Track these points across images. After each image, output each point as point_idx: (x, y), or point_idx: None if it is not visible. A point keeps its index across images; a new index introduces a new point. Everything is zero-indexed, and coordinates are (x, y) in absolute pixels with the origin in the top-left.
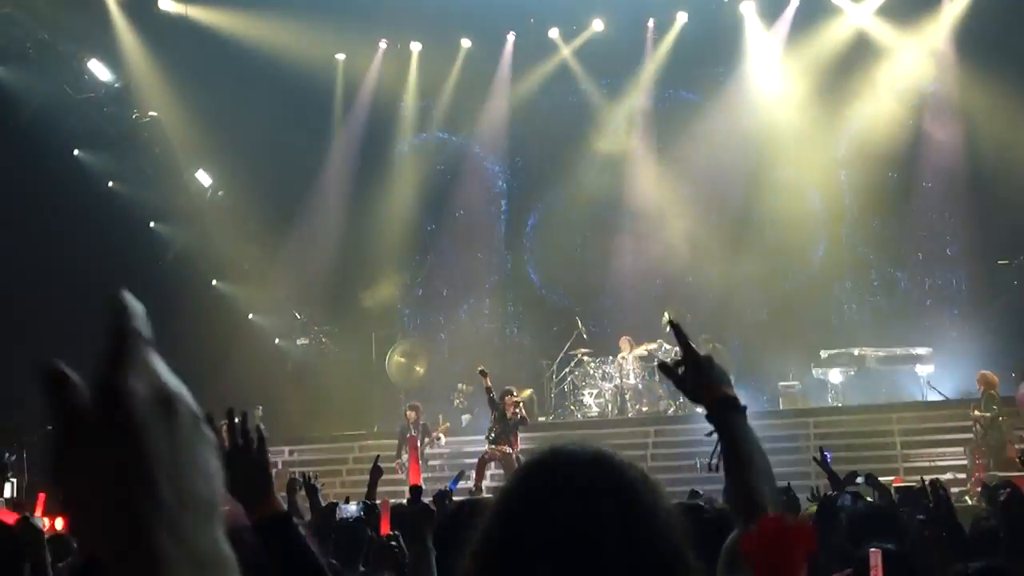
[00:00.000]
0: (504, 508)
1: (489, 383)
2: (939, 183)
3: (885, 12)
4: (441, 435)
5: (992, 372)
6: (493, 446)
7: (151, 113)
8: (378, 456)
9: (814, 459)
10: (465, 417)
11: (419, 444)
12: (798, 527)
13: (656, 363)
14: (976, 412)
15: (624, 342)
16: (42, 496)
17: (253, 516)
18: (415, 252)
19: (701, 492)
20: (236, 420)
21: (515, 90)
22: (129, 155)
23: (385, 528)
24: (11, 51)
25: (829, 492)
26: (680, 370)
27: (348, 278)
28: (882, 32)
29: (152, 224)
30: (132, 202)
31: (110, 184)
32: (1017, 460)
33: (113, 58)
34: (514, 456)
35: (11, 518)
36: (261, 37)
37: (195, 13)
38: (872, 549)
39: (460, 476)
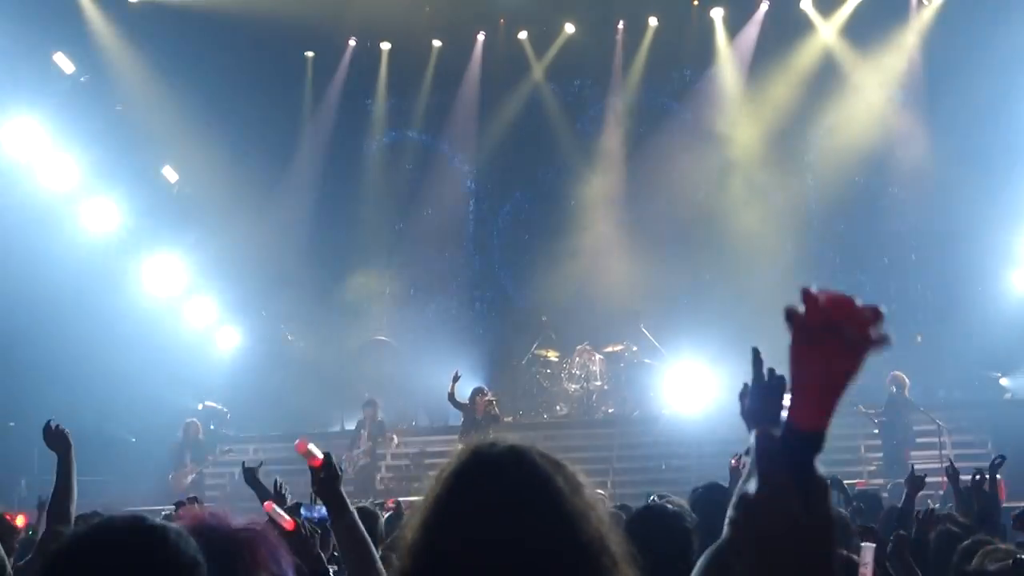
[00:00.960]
0: (426, 513)
1: (454, 389)
2: (905, 188)
3: (854, 20)
4: (395, 436)
5: (902, 373)
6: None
7: (117, 107)
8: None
9: None
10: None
11: (372, 442)
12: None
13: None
14: (861, 408)
15: (584, 352)
16: None
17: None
18: (383, 250)
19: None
20: None
21: (485, 91)
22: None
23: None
24: None
25: None
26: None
27: (315, 275)
28: (851, 39)
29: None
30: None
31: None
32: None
33: (80, 51)
34: None
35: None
36: (229, 33)
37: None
38: (864, 544)
39: None
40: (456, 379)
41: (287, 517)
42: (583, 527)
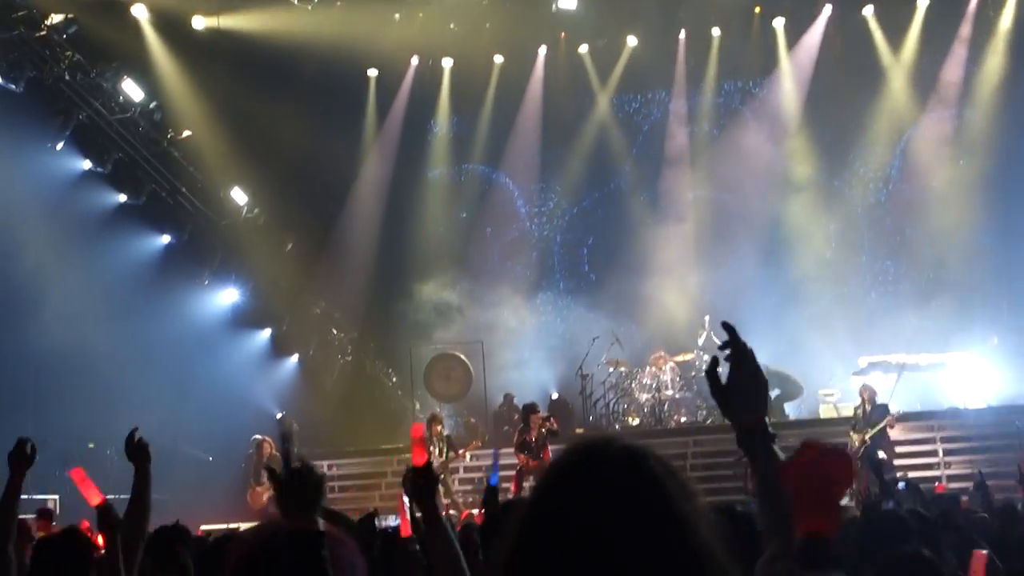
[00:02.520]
0: (533, 506)
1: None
2: (977, 192)
3: (915, 29)
4: (467, 454)
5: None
6: (527, 457)
7: (186, 132)
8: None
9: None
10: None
11: (444, 456)
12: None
13: (706, 369)
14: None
15: (659, 359)
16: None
17: (291, 527)
18: (449, 266)
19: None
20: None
21: (547, 105)
22: (164, 174)
23: (405, 530)
24: (46, 72)
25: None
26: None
27: (383, 294)
28: (914, 48)
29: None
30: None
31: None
32: None
33: (147, 78)
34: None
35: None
36: (293, 53)
37: (227, 23)
38: (977, 551)
39: (496, 458)
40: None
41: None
42: (693, 534)
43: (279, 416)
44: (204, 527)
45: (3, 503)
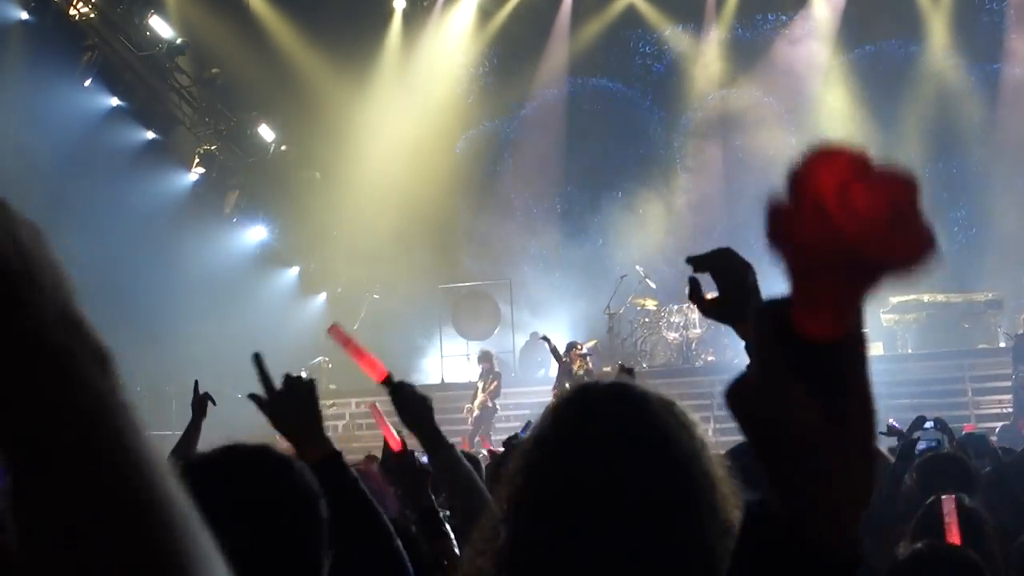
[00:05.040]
0: (534, 445)
1: (553, 345)
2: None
3: None
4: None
5: None
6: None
7: (213, 69)
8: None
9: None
10: (540, 373)
11: (487, 393)
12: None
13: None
14: None
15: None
16: None
17: (306, 458)
18: (477, 202)
19: None
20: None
21: (573, 37)
22: (192, 111)
23: (395, 444)
24: (73, 8)
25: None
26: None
27: (410, 231)
28: None
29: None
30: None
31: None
32: None
33: (175, 15)
34: None
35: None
36: None
37: None
38: (944, 496)
39: (528, 426)
40: (547, 340)
41: (396, 437)
42: (692, 465)
43: (303, 372)
44: None
45: (183, 443)
